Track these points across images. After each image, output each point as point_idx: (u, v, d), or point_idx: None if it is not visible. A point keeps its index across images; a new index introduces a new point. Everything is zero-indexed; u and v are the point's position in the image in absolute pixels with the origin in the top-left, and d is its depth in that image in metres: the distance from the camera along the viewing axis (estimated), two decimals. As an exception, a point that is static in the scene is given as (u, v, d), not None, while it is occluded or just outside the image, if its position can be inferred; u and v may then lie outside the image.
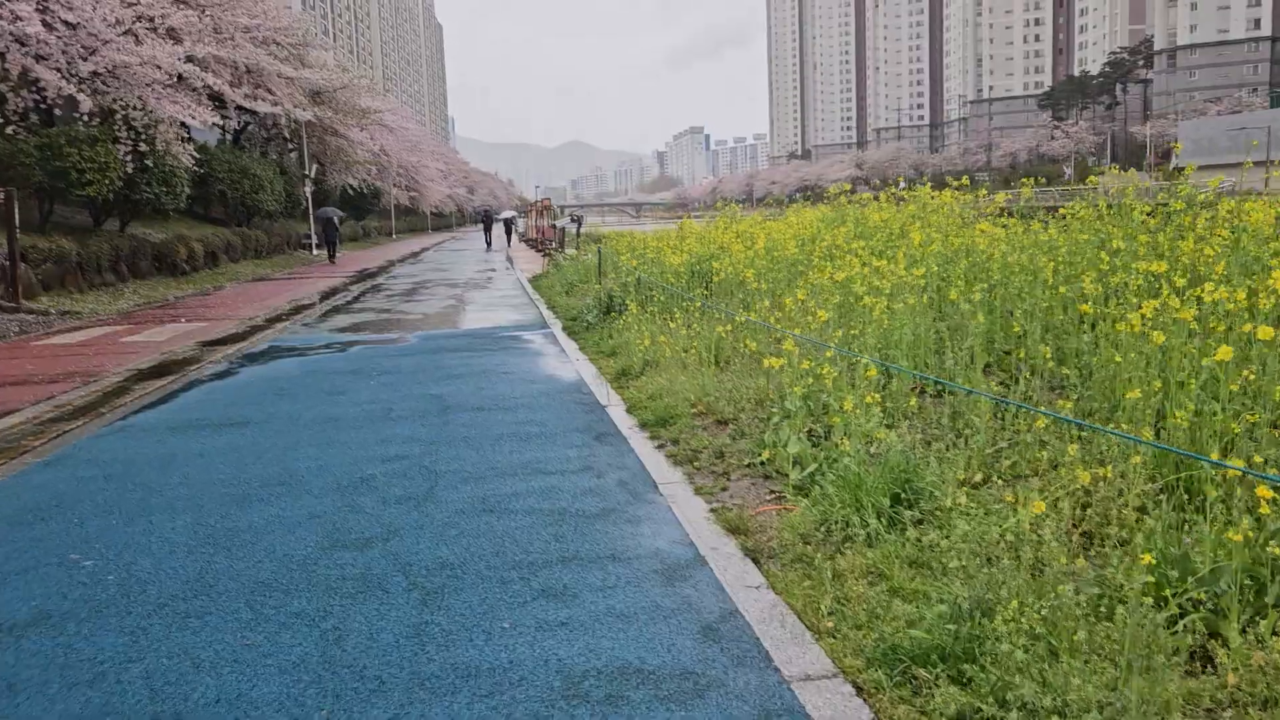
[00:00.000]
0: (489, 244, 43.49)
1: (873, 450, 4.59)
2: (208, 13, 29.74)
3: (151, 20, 20.97)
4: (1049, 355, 5.54)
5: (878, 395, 4.77)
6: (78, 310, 17.01)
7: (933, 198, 11.43)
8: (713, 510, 4.64)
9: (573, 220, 29.50)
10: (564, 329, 12.58)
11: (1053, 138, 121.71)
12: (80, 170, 19.22)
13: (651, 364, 8.11)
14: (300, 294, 20.49)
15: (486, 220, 46.59)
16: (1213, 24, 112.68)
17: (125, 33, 19.76)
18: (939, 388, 5.69)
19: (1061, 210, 8.57)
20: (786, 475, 4.82)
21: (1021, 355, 5.83)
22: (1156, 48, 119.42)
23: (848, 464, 4.38)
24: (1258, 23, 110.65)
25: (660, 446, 5.97)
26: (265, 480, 5.49)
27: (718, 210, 19.31)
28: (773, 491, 4.81)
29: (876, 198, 11.98)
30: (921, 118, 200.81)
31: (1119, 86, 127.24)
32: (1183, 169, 9.72)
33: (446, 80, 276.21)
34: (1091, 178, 17.27)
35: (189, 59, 24.09)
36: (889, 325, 6.04)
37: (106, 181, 20.46)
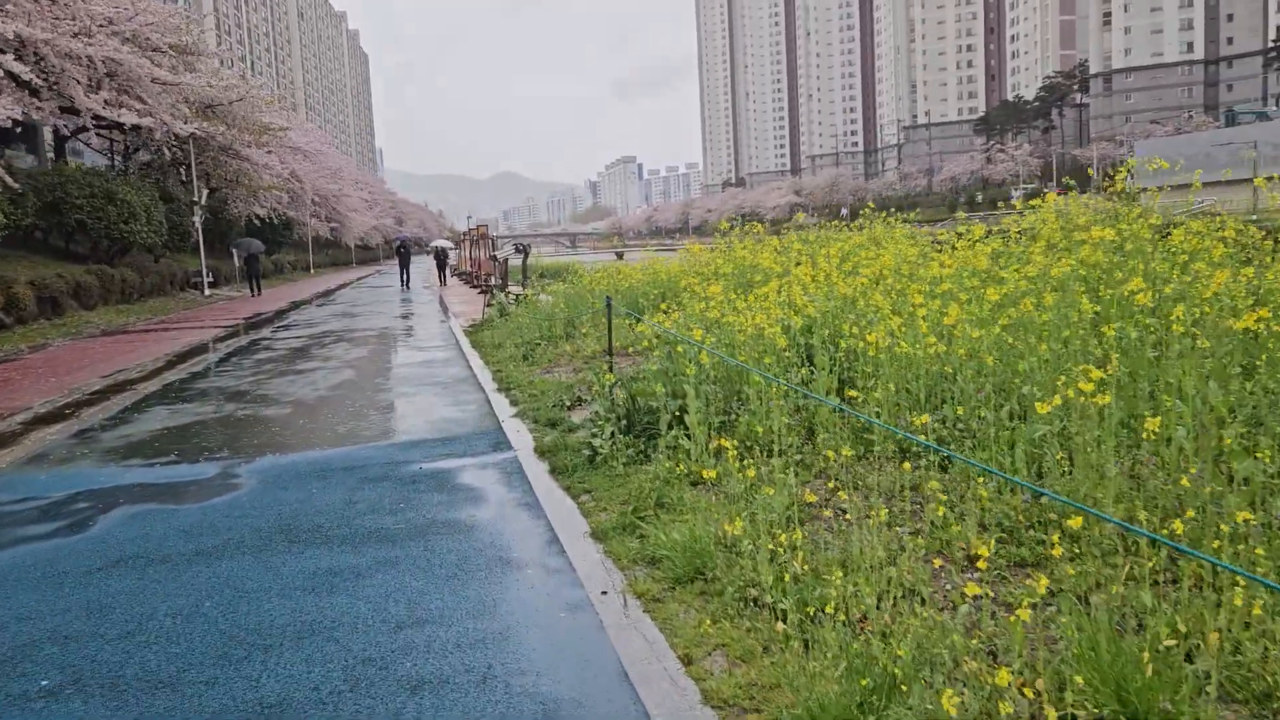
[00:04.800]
0: (405, 282, 35.17)
1: None
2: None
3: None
4: None
5: None
6: None
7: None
8: None
9: (518, 250, 23.75)
10: (539, 452, 6.78)
11: (991, 161, 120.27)
12: None
13: (881, 684, 2.45)
14: (138, 359, 14.30)
15: (403, 254, 36.84)
16: (1147, 48, 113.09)
17: None
18: None
19: None
20: None
21: None
22: (1092, 71, 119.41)
23: None
24: (1190, 46, 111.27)
25: None
26: None
27: (723, 232, 13.79)
28: None
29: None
30: (856, 144, 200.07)
31: (1055, 110, 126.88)
32: (1144, 189, 9.59)
33: (374, 110, 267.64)
34: (1049, 199, 12.87)
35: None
36: None
37: None
